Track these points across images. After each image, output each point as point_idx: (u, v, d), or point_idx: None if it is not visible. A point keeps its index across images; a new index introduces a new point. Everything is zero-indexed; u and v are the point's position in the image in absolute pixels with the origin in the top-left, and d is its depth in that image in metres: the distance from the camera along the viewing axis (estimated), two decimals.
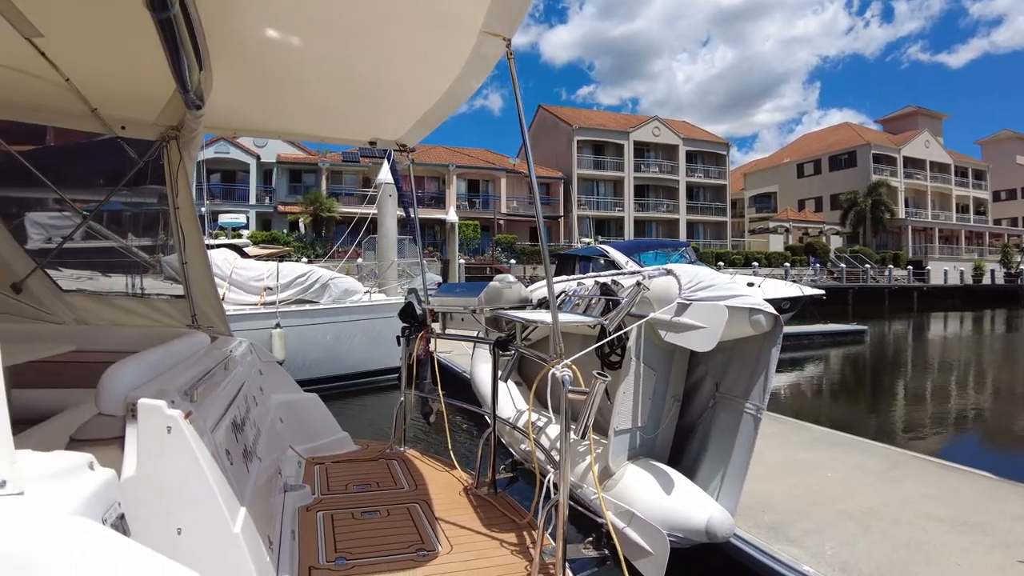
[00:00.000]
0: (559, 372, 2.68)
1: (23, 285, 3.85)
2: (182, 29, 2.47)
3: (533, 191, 2.89)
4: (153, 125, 4.02)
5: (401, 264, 15.76)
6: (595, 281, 4.14)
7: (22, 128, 3.85)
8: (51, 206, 4.38)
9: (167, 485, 2.07)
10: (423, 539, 3.18)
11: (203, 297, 4.11)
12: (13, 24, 2.79)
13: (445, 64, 3.15)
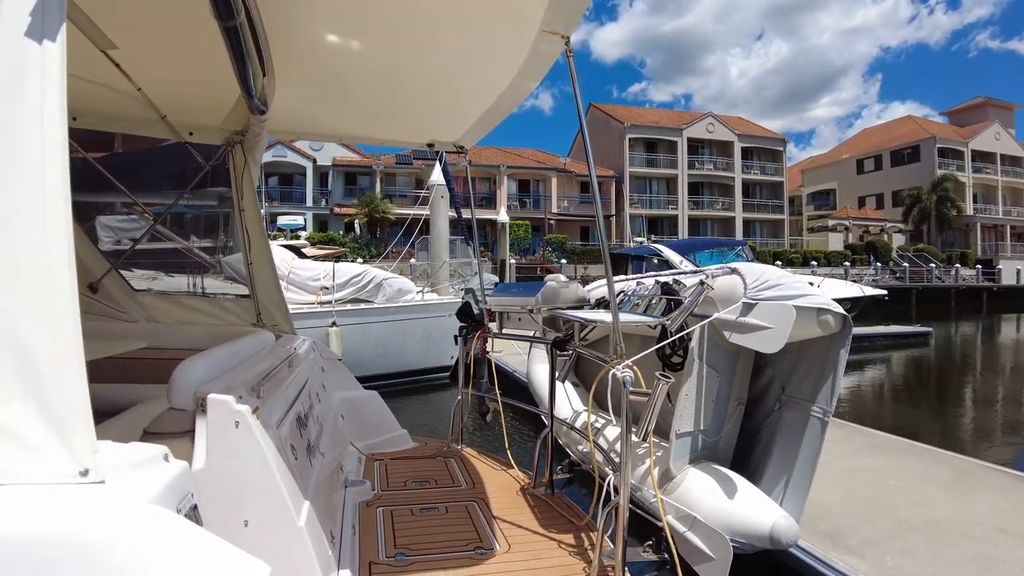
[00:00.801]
0: (620, 373, 2.65)
1: (99, 285, 4.05)
2: (247, 36, 2.54)
3: (593, 189, 2.88)
4: (219, 130, 4.16)
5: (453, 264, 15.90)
6: (655, 280, 4.08)
7: (93, 135, 4.03)
8: (119, 209, 4.58)
9: (235, 478, 2.13)
10: (481, 537, 3.19)
11: (267, 296, 4.23)
12: (91, 38, 2.92)
13: (503, 64, 3.16)
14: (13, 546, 1.20)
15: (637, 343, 4.08)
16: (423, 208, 15.53)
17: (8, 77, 1.33)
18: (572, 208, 46.32)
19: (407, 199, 39.35)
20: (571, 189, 46.81)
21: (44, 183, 1.33)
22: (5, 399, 1.30)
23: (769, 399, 3.77)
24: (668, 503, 3.47)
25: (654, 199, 49.06)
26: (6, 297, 1.31)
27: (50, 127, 1.33)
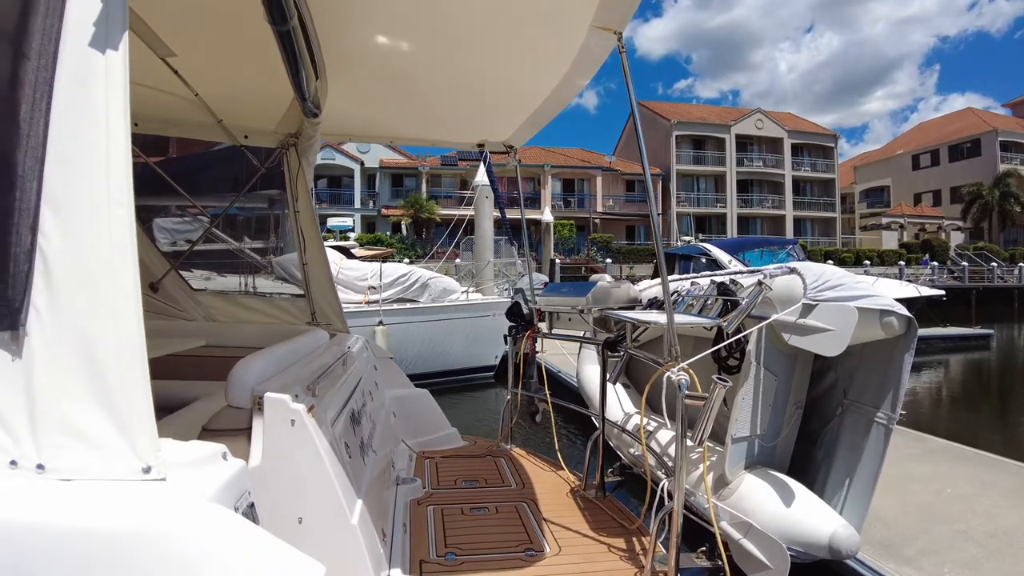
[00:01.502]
0: (675, 376, 2.59)
1: (159, 285, 4.19)
2: (300, 40, 2.58)
3: (647, 187, 2.83)
4: (273, 133, 4.26)
5: (497, 264, 15.93)
6: (711, 280, 3.99)
7: (150, 140, 4.16)
8: (175, 211, 4.73)
9: (290, 475, 2.16)
10: (531, 539, 3.17)
11: (322, 295, 4.31)
12: (150, 46, 3.02)
13: (553, 61, 3.13)
14: (79, 539, 1.24)
15: (691, 344, 4.00)
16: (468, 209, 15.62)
17: (75, 85, 1.37)
18: (618, 207, 45.91)
19: (452, 200, 39.63)
20: (617, 188, 46.40)
21: (109, 187, 1.36)
22: (73, 396, 1.34)
23: (829, 404, 3.64)
24: (722, 509, 3.38)
25: (702, 197, 48.24)
26: (74, 297, 1.35)
27: (114, 133, 1.37)
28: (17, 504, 1.27)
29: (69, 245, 1.35)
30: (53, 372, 1.34)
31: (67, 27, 1.37)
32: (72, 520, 1.25)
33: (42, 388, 1.34)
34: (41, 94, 1.36)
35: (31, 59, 1.37)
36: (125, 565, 1.24)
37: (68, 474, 1.32)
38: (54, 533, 1.24)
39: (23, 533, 1.24)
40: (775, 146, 49.56)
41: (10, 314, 1.34)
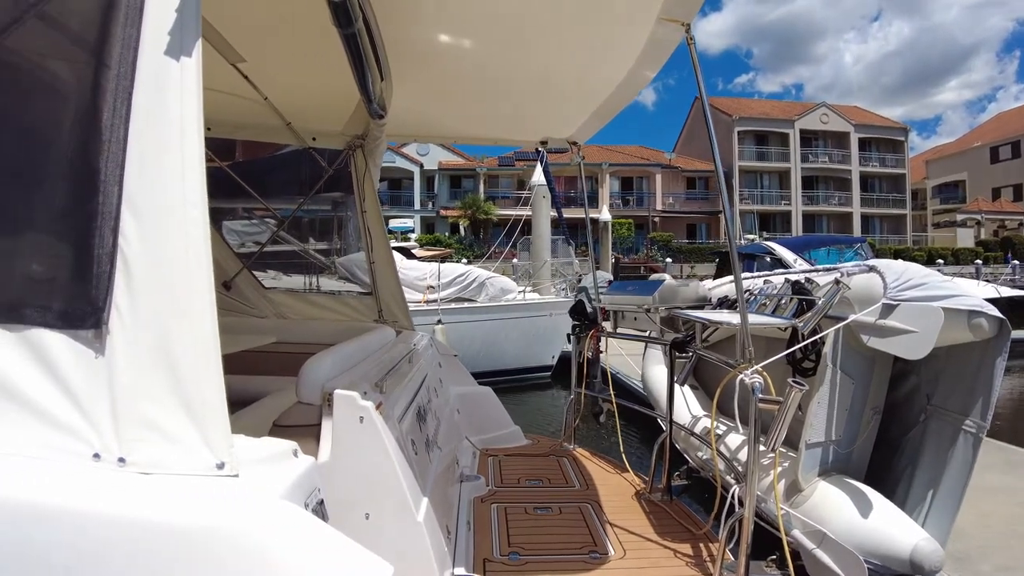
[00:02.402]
0: (748, 379, 2.50)
1: (232, 283, 4.34)
2: (365, 42, 2.61)
3: (719, 180, 2.74)
4: (340, 135, 4.35)
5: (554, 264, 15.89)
6: (785, 279, 3.84)
7: (218, 143, 4.30)
8: (243, 213, 4.88)
9: (358, 472, 2.18)
10: (595, 541, 3.13)
11: (388, 294, 4.38)
12: (221, 53, 3.11)
13: (619, 55, 3.08)
14: (156, 531, 1.27)
15: (762, 346, 3.86)
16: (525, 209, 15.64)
17: (153, 92, 1.40)
18: (678, 205, 45.19)
19: (509, 200, 39.77)
20: (677, 185, 45.66)
21: (184, 189, 1.39)
22: (152, 392, 1.37)
23: (911, 409, 3.45)
24: (794, 517, 3.25)
25: (765, 194, 46.93)
26: (152, 296, 1.38)
27: (189, 137, 1.39)
28: (100, 496, 1.31)
29: (147, 246, 1.38)
30: (133, 369, 1.38)
31: (145, 36, 1.40)
32: (150, 513, 1.28)
33: (123, 384, 1.37)
34: (121, 101, 1.40)
35: (112, 68, 1.41)
36: (199, 559, 1.26)
37: (147, 468, 1.36)
38: (134, 525, 1.27)
39: (106, 524, 1.28)
40: (841, 141, 47.73)
41: (94, 313, 1.38)
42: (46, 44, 1.58)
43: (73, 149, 1.45)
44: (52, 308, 1.42)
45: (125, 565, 1.27)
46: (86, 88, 1.44)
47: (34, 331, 1.41)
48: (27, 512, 1.30)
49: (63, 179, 1.45)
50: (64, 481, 1.34)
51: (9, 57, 1.55)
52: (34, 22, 1.52)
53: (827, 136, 47.87)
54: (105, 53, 1.41)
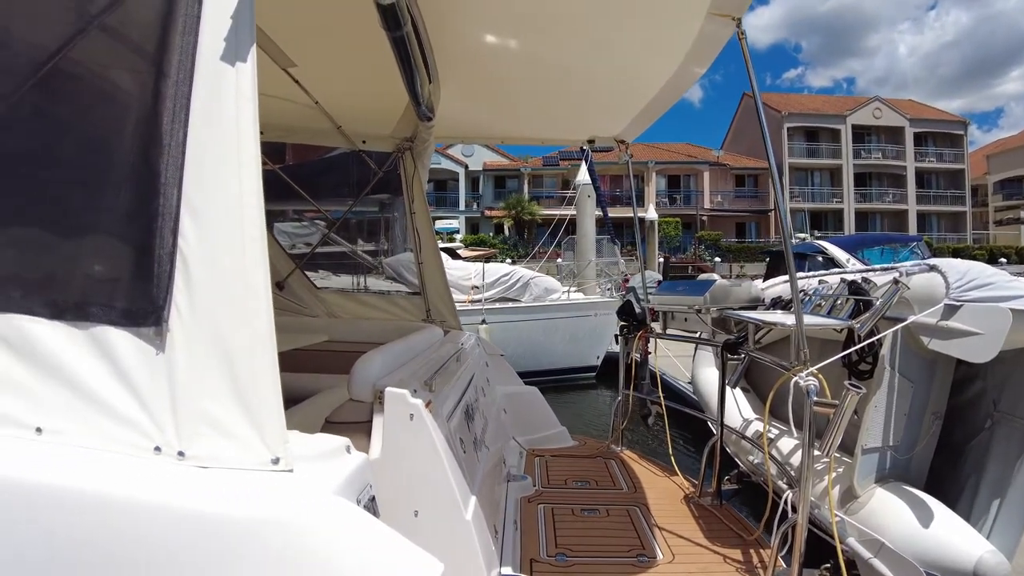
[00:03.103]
0: (803, 381, 2.43)
1: (285, 283, 4.45)
2: (414, 45, 2.62)
3: (773, 176, 2.69)
4: (389, 138, 4.42)
5: (599, 264, 15.78)
6: (841, 279, 3.73)
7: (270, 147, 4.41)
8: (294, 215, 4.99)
9: (408, 469, 2.20)
10: (643, 544, 3.09)
11: (436, 294, 4.43)
12: (273, 59, 3.19)
13: (668, 51, 3.04)
14: (214, 523, 1.31)
15: (816, 347, 3.75)
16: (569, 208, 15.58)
17: (209, 98, 1.44)
18: (726, 203, 44.37)
19: (553, 200, 39.73)
20: (725, 183, 44.84)
21: (241, 192, 1.42)
22: (210, 388, 1.41)
23: (976, 415, 3.30)
24: (850, 524, 3.16)
25: (816, 192, 45.65)
26: (210, 295, 1.42)
27: (245, 141, 1.43)
28: (161, 488, 1.36)
29: (206, 246, 1.42)
30: (192, 365, 1.42)
31: (202, 44, 1.45)
32: (207, 505, 1.32)
33: (182, 380, 1.42)
34: (180, 107, 1.44)
35: (171, 75, 1.45)
36: (253, 551, 1.29)
37: (205, 462, 1.40)
38: (192, 516, 1.32)
39: (165, 514, 1.33)
40: (896, 136, 46.06)
41: (155, 311, 1.43)
42: (108, 54, 1.64)
43: (135, 154, 1.49)
44: (116, 306, 1.47)
45: (183, 554, 1.31)
46: (147, 95, 1.48)
47: (99, 328, 1.47)
48: (93, 501, 1.35)
49: (126, 183, 1.51)
50: (127, 473, 1.39)
51: (74, 68, 1.61)
52: (97, 33, 1.58)
53: (880, 131, 46.27)
54: (164, 61, 1.46)
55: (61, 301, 1.52)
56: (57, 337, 1.50)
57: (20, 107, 1.62)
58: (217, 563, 1.30)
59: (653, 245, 26.09)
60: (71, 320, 1.49)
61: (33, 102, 1.63)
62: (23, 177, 1.65)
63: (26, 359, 1.51)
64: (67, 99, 1.66)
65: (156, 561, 1.32)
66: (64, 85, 1.63)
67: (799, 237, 29.34)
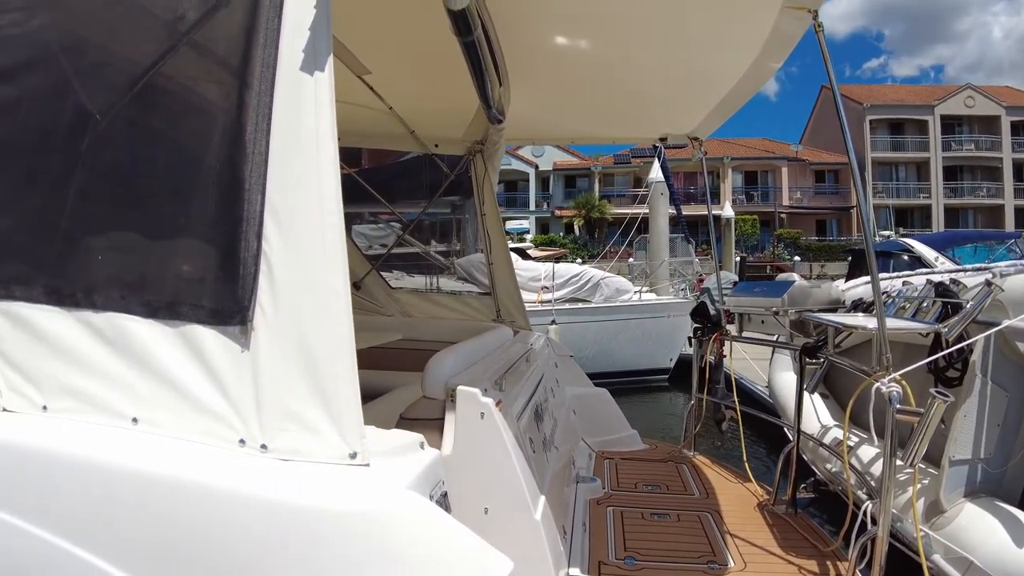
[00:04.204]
0: (885, 387, 2.33)
1: (362, 283, 4.60)
2: (484, 49, 2.65)
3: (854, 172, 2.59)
4: (461, 141, 4.49)
5: (672, 263, 15.49)
6: (927, 280, 3.55)
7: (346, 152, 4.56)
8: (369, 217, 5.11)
9: (478, 467, 2.22)
10: (714, 551, 3.02)
11: (506, 294, 4.47)
12: (348, 65, 3.29)
13: (741, 47, 2.96)
14: (294, 514, 1.37)
15: (900, 352, 3.58)
16: (641, 207, 15.38)
17: (290, 107, 1.51)
18: (806, 200, 42.75)
19: (625, 199, 39.25)
20: (804, 179, 43.20)
21: (321, 196, 1.48)
22: (292, 384, 1.48)
23: None
24: (935, 540, 3.00)
25: (901, 187, 43.27)
26: (292, 296, 1.49)
27: (323, 148, 1.48)
28: (245, 478, 1.44)
29: (288, 249, 1.49)
30: (275, 362, 1.49)
31: (282, 56, 1.51)
32: (288, 496, 1.39)
33: (266, 376, 1.49)
34: (263, 117, 1.51)
35: (253, 87, 1.53)
36: (330, 541, 1.35)
37: (287, 455, 1.47)
38: (272, 506, 1.39)
39: (248, 504, 1.41)
40: (990, 126, 42.99)
41: (240, 311, 1.51)
42: (197, 68, 1.74)
43: (222, 162, 1.58)
44: (204, 306, 1.56)
45: (264, 541, 1.39)
46: (232, 106, 1.57)
47: (188, 327, 1.57)
48: (183, 488, 1.45)
49: (213, 190, 1.59)
50: (214, 463, 1.48)
51: (166, 82, 1.72)
52: (186, 49, 1.68)
53: (973, 121, 43.30)
54: (247, 73, 1.54)
55: (155, 301, 1.62)
56: (151, 334, 1.60)
57: (118, 120, 1.74)
58: (295, 551, 1.36)
59: (729, 244, 25.43)
60: (164, 318, 1.60)
61: (129, 116, 1.74)
62: (121, 186, 1.77)
63: (124, 354, 1.63)
64: (159, 112, 1.77)
65: (239, 546, 1.40)
66: (157, 99, 1.74)
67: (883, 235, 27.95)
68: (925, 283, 3.55)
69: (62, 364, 1.70)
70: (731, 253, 24.94)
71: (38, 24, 1.85)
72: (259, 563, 1.39)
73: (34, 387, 1.73)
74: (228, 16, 1.61)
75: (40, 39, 1.84)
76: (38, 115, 1.84)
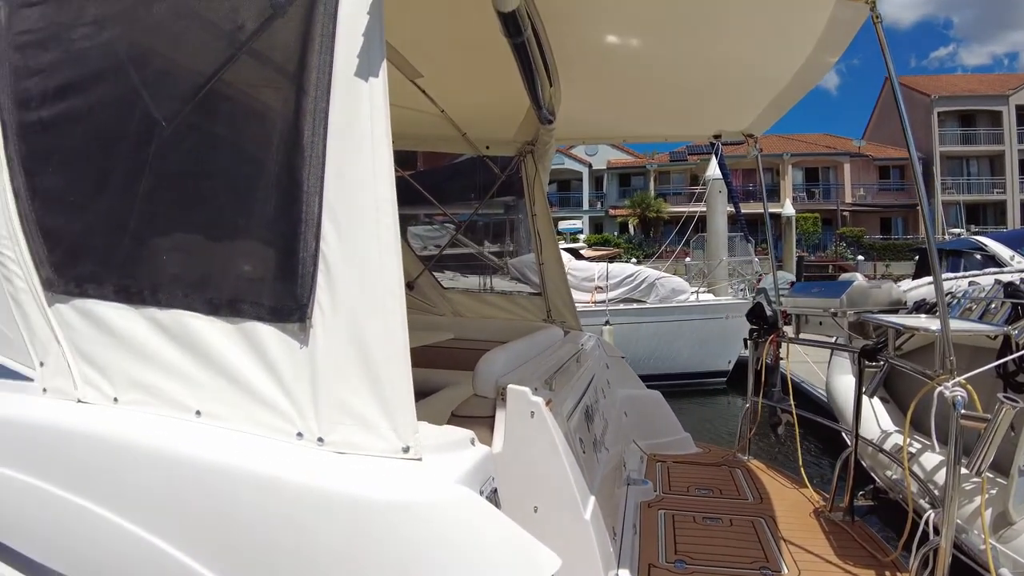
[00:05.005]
0: (949, 392, 2.25)
1: (415, 284, 4.68)
2: (534, 50, 2.67)
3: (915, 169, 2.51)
4: (512, 142, 4.52)
5: (731, 263, 15.15)
6: (995, 280, 3.40)
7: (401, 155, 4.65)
8: (423, 219, 5.22)
9: (528, 465, 2.24)
10: (767, 557, 2.96)
11: (557, 294, 4.47)
12: (400, 70, 3.35)
13: (796, 41, 2.90)
14: (348, 504, 1.42)
15: (966, 356, 3.43)
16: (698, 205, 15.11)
17: (345, 111, 1.55)
18: (870, 197, 41.18)
19: (681, 197, 38.60)
20: (868, 175, 41.62)
21: (376, 198, 1.52)
22: (348, 380, 1.53)
23: None
24: (1003, 553, 2.86)
25: (972, 182, 41.12)
26: (349, 294, 1.54)
27: (378, 151, 1.53)
28: (302, 470, 1.50)
29: (345, 249, 1.54)
30: (332, 359, 1.55)
31: (337, 62, 1.56)
32: (344, 487, 1.44)
33: (323, 372, 1.55)
34: (319, 122, 1.56)
35: (310, 93, 1.58)
36: (383, 532, 1.40)
37: (342, 448, 1.52)
38: (330, 497, 1.44)
39: (305, 494, 1.46)
40: None
41: (299, 309, 1.57)
42: (256, 76, 1.82)
43: (280, 166, 1.64)
44: (264, 304, 1.64)
45: (319, 531, 1.44)
46: (289, 111, 1.63)
47: (249, 324, 1.64)
48: (243, 478, 1.53)
49: (273, 192, 1.66)
50: (272, 455, 1.55)
51: (226, 89, 1.80)
52: (245, 58, 1.75)
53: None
54: (304, 79, 1.59)
55: (217, 299, 1.71)
56: (213, 331, 1.69)
57: (182, 127, 1.83)
58: (348, 540, 1.42)
59: (790, 243, 24.74)
60: (225, 316, 1.68)
61: (192, 122, 1.83)
62: (185, 189, 1.87)
63: (188, 349, 1.73)
64: (221, 118, 1.85)
65: (295, 533, 1.45)
66: (219, 105, 1.82)
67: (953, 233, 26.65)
68: (993, 283, 3.40)
69: (131, 359, 1.82)
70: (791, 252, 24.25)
71: (108, 37, 1.96)
72: (314, 549, 1.44)
73: (106, 380, 1.85)
74: (285, 25, 1.66)
75: (110, 51, 1.95)
76: (108, 123, 1.95)
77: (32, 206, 2.02)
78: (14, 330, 2.03)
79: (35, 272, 2.00)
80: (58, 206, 2.02)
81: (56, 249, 1.99)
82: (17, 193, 2.04)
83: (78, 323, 1.92)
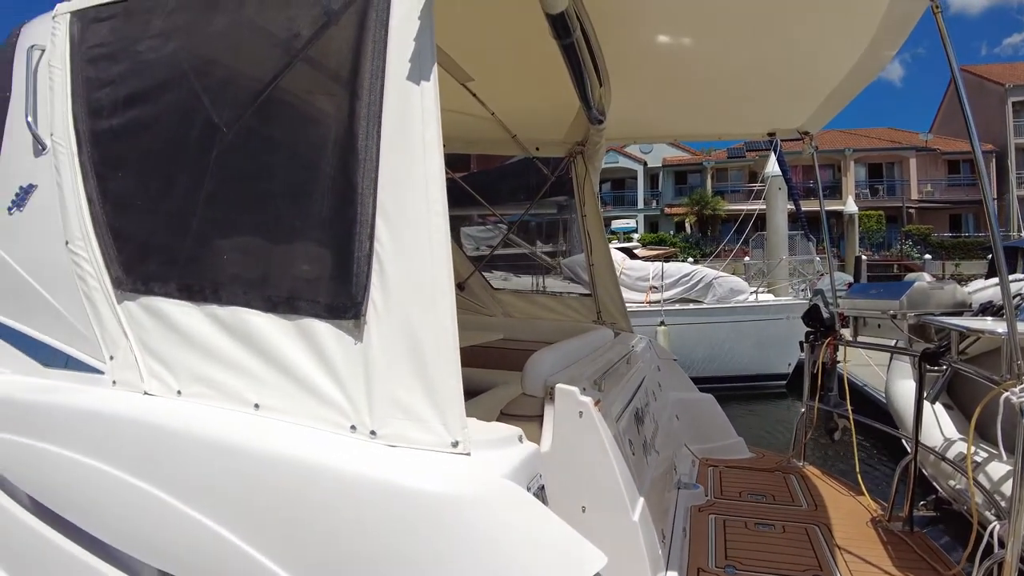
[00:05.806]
0: (1016, 398, 2.15)
1: (465, 284, 4.74)
2: (583, 51, 2.68)
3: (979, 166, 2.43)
4: (562, 143, 4.53)
5: (792, 262, 14.75)
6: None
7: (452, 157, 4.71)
8: (475, 220, 5.26)
9: (576, 464, 2.26)
10: (821, 565, 2.88)
11: (607, 295, 4.46)
12: (451, 73, 3.40)
13: (852, 34, 2.82)
14: (399, 496, 1.47)
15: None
16: (757, 202, 14.79)
17: (398, 115, 1.60)
18: (937, 193, 39.36)
19: (740, 194, 37.75)
20: (936, 171, 39.78)
21: (428, 200, 1.57)
22: (400, 376, 1.58)
23: None
24: None
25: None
26: (402, 294, 1.59)
27: (430, 154, 1.57)
28: (356, 461, 1.56)
29: (398, 250, 1.59)
30: (385, 355, 1.60)
31: (389, 67, 1.61)
32: (396, 479, 1.50)
33: (376, 368, 1.61)
34: (372, 125, 1.62)
35: (363, 97, 1.64)
36: (433, 523, 1.44)
37: (394, 441, 1.58)
38: (381, 488, 1.50)
39: (358, 484, 1.52)
40: None
41: (354, 306, 1.63)
42: (311, 81, 1.90)
43: (335, 169, 1.71)
44: (320, 301, 1.71)
45: (372, 518, 1.49)
46: (343, 116, 1.69)
47: (306, 320, 1.72)
48: (300, 468, 1.59)
49: (328, 194, 1.73)
50: (327, 446, 1.61)
51: (284, 95, 1.88)
52: (301, 65, 1.83)
53: None
54: (357, 85, 1.65)
55: (275, 297, 1.79)
56: (271, 327, 1.77)
57: (241, 132, 1.93)
58: (399, 528, 1.47)
59: (853, 241, 23.94)
60: (283, 313, 1.76)
61: (251, 127, 1.92)
62: (244, 192, 1.96)
63: (247, 345, 1.81)
64: (279, 123, 1.94)
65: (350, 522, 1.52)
66: (276, 111, 1.91)
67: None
68: None
69: (193, 353, 1.92)
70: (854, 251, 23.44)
71: (171, 49, 2.08)
72: (367, 537, 1.50)
73: (170, 374, 1.96)
74: (338, 32, 1.73)
75: (174, 61, 2.06)
76: (173, 130, 2.07)
77: (103, 209, 2.16)
78: (87, 326, 2.16)
79: (106, 271, 2.13)
80: (127, 209, 2.16)
81: (125, 249, 2.12)
82: (90, 197, 2.17)
83: (144, 319, 2.03)
